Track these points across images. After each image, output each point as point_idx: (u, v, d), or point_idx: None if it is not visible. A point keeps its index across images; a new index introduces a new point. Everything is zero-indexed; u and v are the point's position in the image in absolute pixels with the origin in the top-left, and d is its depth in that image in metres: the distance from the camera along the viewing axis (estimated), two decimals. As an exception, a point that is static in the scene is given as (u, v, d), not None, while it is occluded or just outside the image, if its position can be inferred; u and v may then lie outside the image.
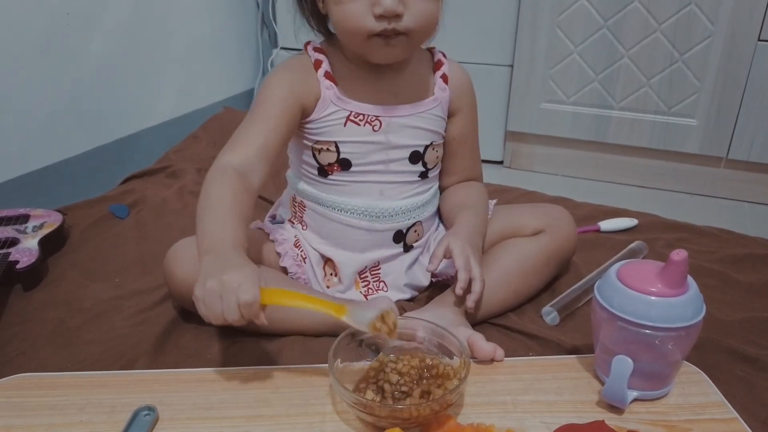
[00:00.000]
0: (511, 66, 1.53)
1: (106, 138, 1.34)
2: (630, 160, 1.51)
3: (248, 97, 1.83)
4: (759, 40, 1.30)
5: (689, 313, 0.59)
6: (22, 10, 1.12)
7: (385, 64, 0.77)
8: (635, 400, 0.62)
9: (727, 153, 1.41)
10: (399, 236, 0.84)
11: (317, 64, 0.79)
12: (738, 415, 0.62)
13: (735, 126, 1.38)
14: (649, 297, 0.59)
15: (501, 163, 1.65)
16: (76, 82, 1.25)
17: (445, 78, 0.84)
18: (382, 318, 0.62)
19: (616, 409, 0.62)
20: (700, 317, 0.60)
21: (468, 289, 0.74)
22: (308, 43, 0.82)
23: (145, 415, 0.60)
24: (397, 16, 0.69)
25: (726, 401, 0.64)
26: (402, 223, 0.83)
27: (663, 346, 0.59)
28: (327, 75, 0.78)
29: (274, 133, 0.75)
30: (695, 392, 0.65)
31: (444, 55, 0.86)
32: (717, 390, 0.65)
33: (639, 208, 1.20)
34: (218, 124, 1.46)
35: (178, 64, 1.53)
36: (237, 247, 0.65)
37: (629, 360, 0.59)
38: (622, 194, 1.47)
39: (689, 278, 0.61)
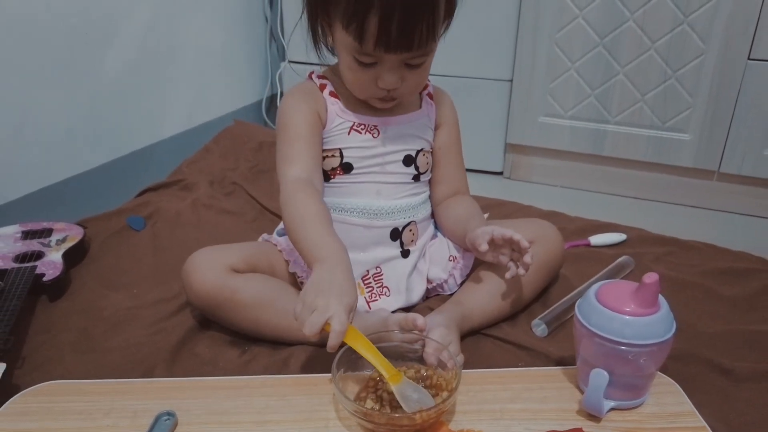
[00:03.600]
0: (511, 81, 1.58)
1: (122, 150, 1.41)
2: (626, 173, 1.57)
3: (257, 108, 1.90)
4: (749, 58, 1.35)
5: (661, 330, 0.64)
6: (44, 30, 1.19)
7: None
8: (612, 409, 0.68)
9: (719, 166, 1.46)
10: (395, 234, 0.91)
11: (322, 87, 0.90)
12: (706, 425, 0.67)
13: (726, 141, 1.43)
14: (624, 316, 0.64)
15: (501, 174, 1.70)
16: (94, 97, 1.32)
17: (430, 95, 0.96)
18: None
19: (594, 417, 0.67)
20: (671, 334, 0.65)
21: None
22: (311, 72, 0.93)
23: (166, 420, 0.66)
24: (396, 89, 0.82)
25: (696, 411, 0.69)
26: (398, 221, 0.91)
27: (637, 360, 0.64)
28: (331, 94, 0.90)
29: (315, 146, 0.87)
30: (669, 402, 0.70)
31: (428, 80, 0.96)
32: (689, 400, 0.70)
33: (634, 219, 1.25)
34: (229, 137, 1.52)
35: (191, 77, 1.59)
36: (346, 259, 0.72)
37: (605, 373, 0.65)
38: (617, 205, 1.53)
39: (661, 298, 0.66)
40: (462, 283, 0.93)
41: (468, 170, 1.01)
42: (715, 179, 1.49)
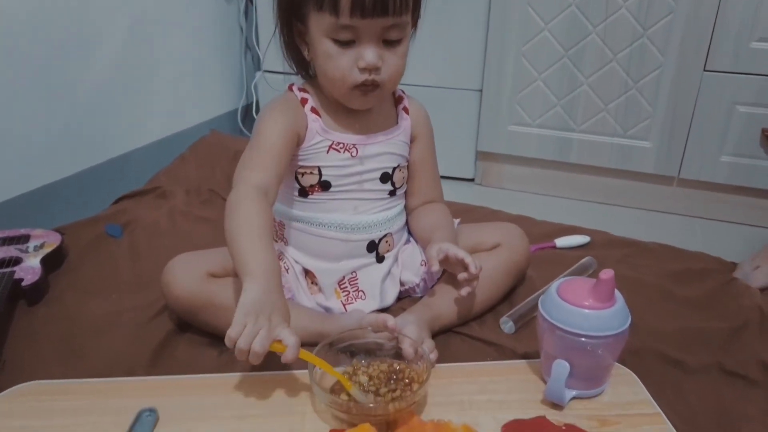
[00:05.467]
0: (481, 91, 1.63)
1: (98, 158, 1.42)
2: (590, 179, 1.63)
3: (233, 117, 1.92)
4: (704, 70, 1.42)
5: (616, 323, 0.69)
6: (23, 43, 1.20)
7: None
8: (574, 398, 0.72)
9: (679, 172, 1.53)
10: (372, 246, 0.94)
11: (303, 101, 0.91)
12: (661, 411, 0.72)
13: (685, 148, 1.50)
14: (582, 310, 0.69)
15: (473, 180, 1.75)
16: (71, 106, 1.33)
17: (405, 110, 0.97)
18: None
19: (557, 406, 0.72)
20: (626, 326, 0.70)
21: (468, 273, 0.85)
22: (292, 84, 0.94)
23: (147, 416, 0.69)
24: (377, 69, 0.82)
25: (652, 399, 0.73)
26: (374, 234, 0.94)
27: (595, 351, 0.69)
28: (313, 110, 0.90)
29: (280, 161, 0.85)
30: (626, 392, 0.75)
31: (403, 92, 0.99)
32: (645, 389, 0.75)
33: (598, 223, 1.31)
34: (205, 147, 1.54)
35: (167, 87, 1.61)
36: (279, 278, 0.73)
37: (566, 363, 0.69)
38: (583, 210, 1.58)
39: (617, 293, 0.71)
40: (433, 286, 0.97)
41: (441, 177, 1.04)
42: (675, 185, 1.56)
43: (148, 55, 1.53)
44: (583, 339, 0.69)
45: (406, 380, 0.72)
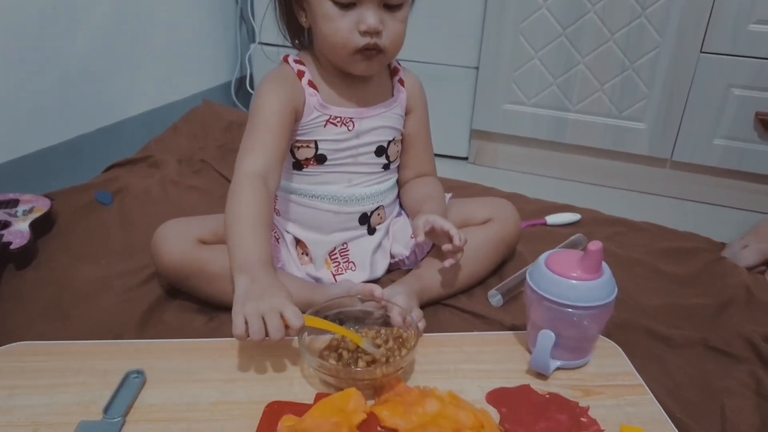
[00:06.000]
0: (477, 68, 1.62)
1: (89, 126, 1.40)
2: (584, 160, 1.63)
3: (226, 89, 1.90)
4: (701, 51, 1.42)
5: (603, 294, 0.69)
6: (12, 8, 1.18)
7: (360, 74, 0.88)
8: (558, 368, 0.73)
9: (672, 155, 1.53)
10: (364, 218, 0.95)
11: (300, 74, 0.89)
12: (644, 383, 0.72)
13: (679, 130, 1.50)
14: (570, 281, 0.69)
15: (466, 159, 1.75)
16: (63, 74, 1.31)
17: (401, 82, 0.96)
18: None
19: (541, 376, 0.72)
20: (612, 298, 0.70)
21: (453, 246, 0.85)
22: (287, 56, 0.92)
23: (135, 378, 0.69)
24: (378, 33, 0.81)
25: (635, 371, 0.74)
26: (367, 207, 0.94)
27: (581, 322, 0.69)
28: (310, 83, 0.89)
29: (281, 139, 0.85)
30: (610, 363, 0.76)
31: (399, 64, 0.97)
32: (629, 361, 0.76)
33: (591, 204, 1.31)
34: (198, 117, 1.53)
35: (160, 57, 1.59)
36: (269, 265, 0.74)
37: (552, 333, 0.69)
38: (576, 191, 1.58)
39: (604, 265, 0.71)
40: (423, 259, 0.97)
41: (434, 155, 1.04)
42: (668, 167, 1.56)
43: (140, 24, 1.51)
44: (570, 309, 0.69)
45: (395, 341, 0.73)
